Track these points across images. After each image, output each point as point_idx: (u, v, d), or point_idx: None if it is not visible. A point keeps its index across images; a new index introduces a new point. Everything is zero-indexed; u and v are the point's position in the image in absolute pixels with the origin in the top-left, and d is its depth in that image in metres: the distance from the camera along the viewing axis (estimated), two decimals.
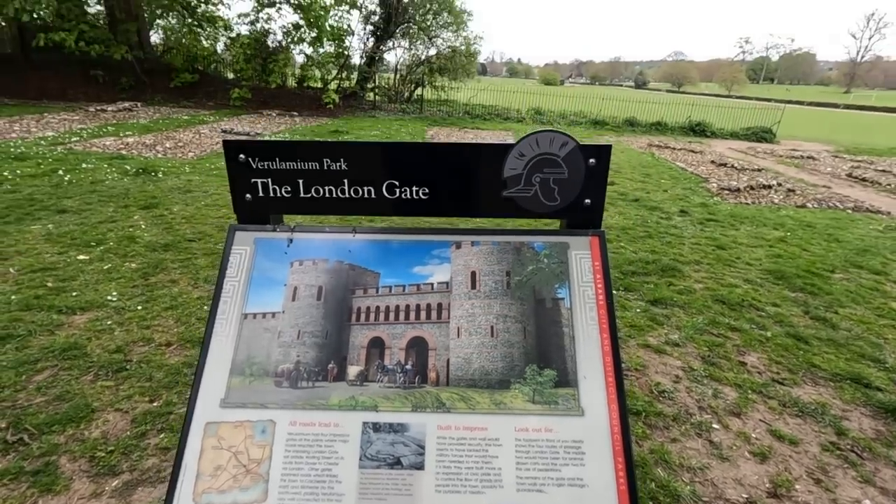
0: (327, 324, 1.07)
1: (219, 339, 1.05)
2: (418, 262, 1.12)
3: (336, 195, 1.16)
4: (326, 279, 1.11)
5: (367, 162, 1.14)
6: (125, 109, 12.63)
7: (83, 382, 2.46)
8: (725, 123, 16.85)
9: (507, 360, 1.02)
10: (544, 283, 1.09)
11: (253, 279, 1.11)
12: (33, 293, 3.24)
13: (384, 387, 1.01)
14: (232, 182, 1.16)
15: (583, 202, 1.15)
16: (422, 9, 15.99)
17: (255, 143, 1.13)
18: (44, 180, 5.77)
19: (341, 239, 1.15)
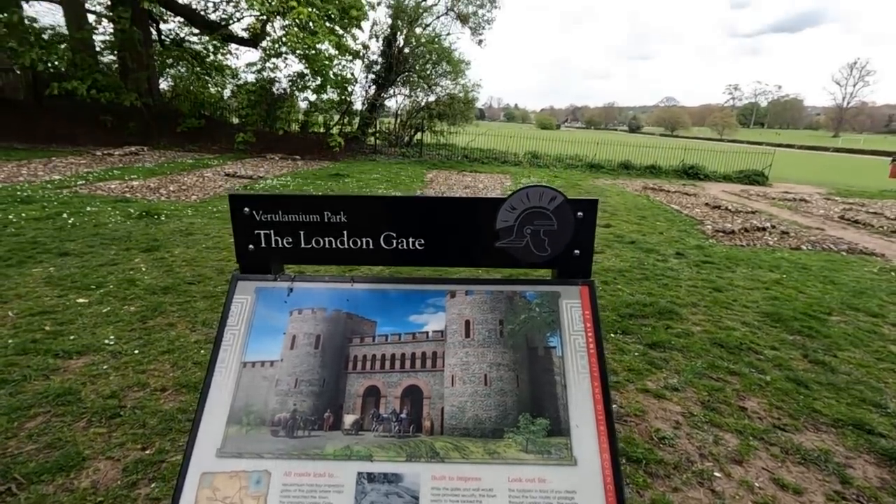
0: (324, 372, 1.09)
1: (217, 387, 1.07)
2: (414, 311, 1.15)
3: (336, 246, 1.21)
4: (324, 328, 1.14)
5: (366, 214, 1.19)
6: (131, 153, 12.94)
7: (76, 429, 2.43)
8: (718, 166, 17.25)
9: (500, 408, 1.04)
10: (536, 332, 1.13)
11: (253, 328, 1.14)
12: (31, 337, 3.24)
13: (379, 436, 1.02)
14: (236, 233, 1.21)
15: (572, 252, 1.20)
16: (421, 59, 16.68)
17: (259, 197, 1.19)
18: (48, 223, 5.86)
19: (340, 288, 1.19)
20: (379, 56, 16.78)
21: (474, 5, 16.61)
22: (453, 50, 16.83)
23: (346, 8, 13.87)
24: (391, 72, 16.68)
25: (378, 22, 16.66)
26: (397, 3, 16.00)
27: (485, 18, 16.89)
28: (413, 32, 16.14)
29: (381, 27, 16.60)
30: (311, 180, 10.85)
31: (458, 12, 16.59)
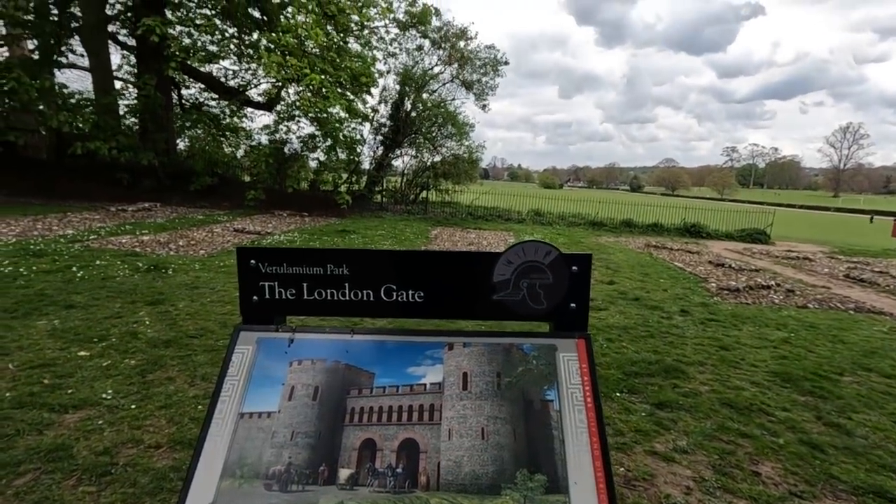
0: (321, 424, 1.09)
1: (213, 439, 1.06)
2: (412, 363, 1.17)
3: (337, 298, 1.24)
4: (323, 379, 1.15)
5: (368, 267, 1.24)
6: (144, 209, 13.29)
7: (64, 488, 2.36)
8: (720, 225, 17.44)
9: (497, 463, 1.02)
10: (533, 385, 1.13)
11: (253, 378, 1.15)
12: (28, 390, 3.21)
13: (374, 491, 1.00)
14: (241, 284, 1.25)
15: (569, 306, 1.22)
16: (427, 122, 17.43)
17: (264, 250, 1.24)
18: (57, 276, 5.95)
19: (340, 339, 1.21)
20: (387, 119, 17.56)
21: (478, 73, 17.59)
22: (458, 113, 17.63)
23: (356, 75, 14.69)
24: (398, 133, 17.39)
25: (387, 87, 17.59)
26: (405, 71, 16.96)
27: (488, 85, 17.83)
28: (420, 98, 16.98)
29: (390, 92, 17.50)
30: (317, 236, 11.03)
31: (462, 79, 17.53)
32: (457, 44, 17.05)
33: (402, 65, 17.28)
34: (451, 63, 17.19)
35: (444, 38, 17.05)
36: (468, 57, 17.26)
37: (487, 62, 17.53)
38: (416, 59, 17.39)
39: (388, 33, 17.13)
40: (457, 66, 17.23)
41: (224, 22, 15.80)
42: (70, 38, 16.02)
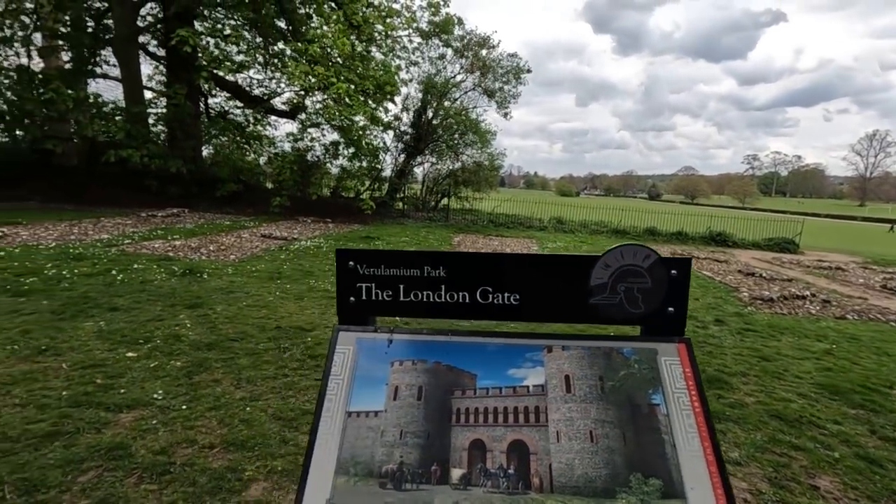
0: (428, 424, 1.10)
1: (324, 437, 1.08)
2: (513, 365, 1.17)
3: (433, 299, 1.25)
4: (425, 380, 1.16)
5: (464, 269, 1.25)
6: (173, 215, 13.58)
7: (127, 485, 2.41)
8: (745, 234, 17.13)
9: (609, 466, 1.02)
10: (637, 389, 1.12)
11: (356, 378, 1.16)
12: (83, 389, 3.30)
13: (488, 492, 1.01)
14: (339, 285, 1.27)
15: (666, 310, 1.22)
16: (449, 130, 17.52)
17: (363, 252, 1.26)
18: (98, 279, 6.10)
19: (438, 341, 1.22)
20: (409, 127, 17.70)
21: (500, 82, 17.66)
22: (481, 121, 17.70)
23: (380, 84, 14.86)
24: (420, 141, 17.51)
25: (409, 96, 17.75)
26: (428, 80, 17.11)
27: (510, 94, 17.88)
28: (442, 105, 17.09)
29: (412, 100, 17.66)
30: (343, 242, 11.14)
31: (484, 87, 17.61)
32: (479, 52, 17.16)
33: (424, 73, 17.45)
34: (472, 71, 17.29)
35: (466, 46, 17.18)
36: (490, 65, 17.34)
37: (510, 70, 17.59)
38: (438, 67, 17.55)
39: (412, 42, 17.34)
40: (479, 74, 17.32)
41: (251, 32, 16.15)
42: (102, 49, 16.56)
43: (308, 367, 3.98)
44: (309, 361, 4.07)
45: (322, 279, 7.17)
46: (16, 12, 13.04)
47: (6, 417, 2.88)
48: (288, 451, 2.77)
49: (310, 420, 3.12)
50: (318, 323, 5.09)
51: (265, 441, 2.85)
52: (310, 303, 5.88)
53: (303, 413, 3.20)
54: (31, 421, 2.88)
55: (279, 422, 3.09)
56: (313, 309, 5.63)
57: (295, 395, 3.48)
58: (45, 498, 2.27)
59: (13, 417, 2.89)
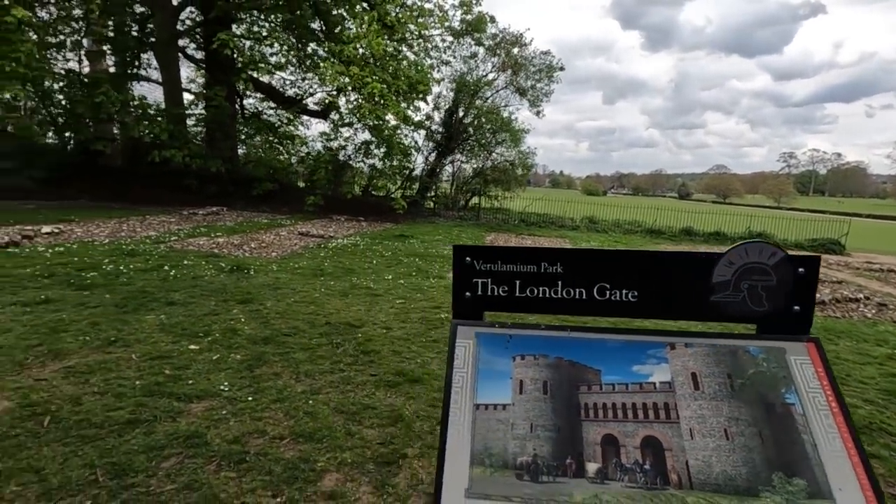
0: (557, 418, 1.11)
1: (454, 428, 1.11)
2: (636, 362, 1.17)
3: (549, 295, 1.26)
4: (549, 374, 1.17)
5: (582, 266, 1.25)
6: (213, 213, 13.97)
7: (208, 472, 2.50)
8: (786, 234, 16.58)
9: (748, 465, 1.01)
10: (768, 388, 1.11)
11: (479, 371, 1.18)
12: (154, 380, 3.44)
13: (626, 486, 1.01)
14: (455, 280, 1.29)
15: (791, 308, 1.20)
16: (481, 129, 17.49)
17: (480, 248, 1.28)
18: (152, 275, 6.34)
19: (558, 336, 1.23)
20: (440, 126, 17.75)
21: (532, 80, 17.54)
22: (513, 120, 17.61)
23: (413, 83, 14.95)
24: (451, 140, 17.54)
25: (441, 95, 17.80)
26: (460, 78, 17.12)
27: (543, 91, 17.74)
28: (474, 104, 17.07)
29: (444, 100, 17.70)
30: (378, 240, 11.26)
31: (516, 86, 17.52)
32: (511, 50, 17.07)
33: (456, 72, 17.46)
34: (504, 69, 17.22)
35: (498, 44, 17.12)
36: (522, 63, 17.24)
37: (542, 68, 17.45)
38: (470, 66, 17.54)
39: (444, 41, 17.38)
40: (510, 72, 17.24)
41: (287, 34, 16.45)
42: (144, 53, 17.16)
43: (362, 362, 4.04)
44: (362, 357, 4.14)
45: (363, 277, 7.27)
46: (67, 19, 13.62)
47: (88, 405, 3.03)
48: (355, 444, 2.83)
49: (372, 415, 3.18)
50: (366, 320, 5.17)
51: (332, 434, 2.91)
52: (354, 300, 5.97)
53: (364, 408, 3.26)
54: (111, 408, 3.01)
55: (342, 415, 3.16)
56: (359, 306, 5.71)
57: (353, 389, 3.55)
58: (134, 481, 2.38)
59: (95, 405, 3.03)
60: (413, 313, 5.55)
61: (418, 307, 5.82)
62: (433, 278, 7.57)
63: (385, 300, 6.05)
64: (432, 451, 2.82)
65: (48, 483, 2.30)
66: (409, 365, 4.03)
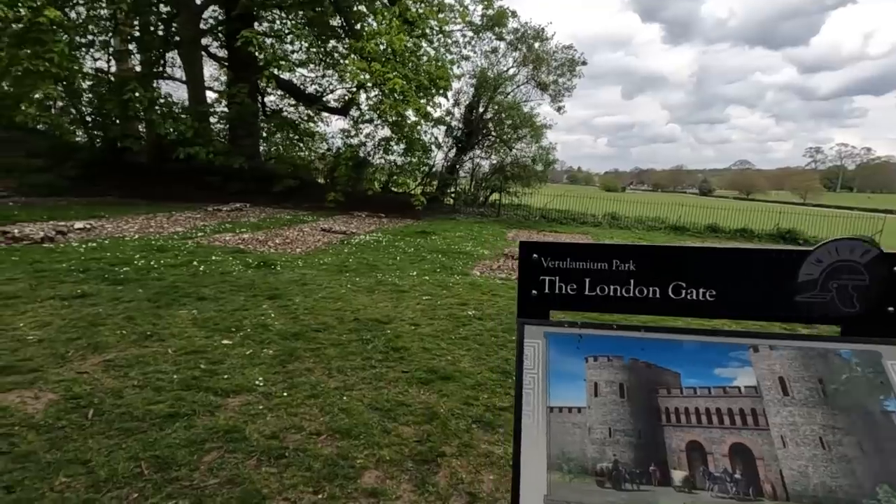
0: (637, 422, 1.06)
1: (528, 432, 1.06)
2: (717, 364, 1.12)
3: (621, 294, 1.21)
4: (625, 376, 1.13)
5: (657, 263, 1.20)
6: (236, 209, 14.15)
7: (248, 467, 2.51)
8: (817, 231, 16.12)
9: (849, 476, 0.95)
10: (866, 394, 1.04)
11: (550, 372, 1.14)
12: (190, 374, 3.47)
13: (716, 496, 0.96)
14: (521, 278, 1.25)
15: (885, 309, 1.13)
16: (501, 124, 17.35)
17: (548, 244, 1.24)
18: (182, 270, 6.43)
19: (630, 337, 1.18)
20: (460, 121, 17.67)
21: (555, 74, 17.32)
22: (535, 115, 17.43)
23: (434, 79, 14.90)
24: (471, 136, 17.45)
25: (461, 90, 17.71)
26: (481, 73, 17.00)
27: (565, 86, 17.52)
28: (494, 100, 16.94)
29: (464, 95, 17.61)
30: (399, 237, 11.26)
31: (538, 81, 17.33)
32: (532, 45, 16.88)
33: (476, 67, 17.35)
34: (526, 64, 17.04)
35: (519, 39, 16.95)
36: (543, 58, 17.03)
37: (564, 63, 17.23)
38: (491, 61, 17.40)
39: (464, 37, 17.28)
40: (532, 67, 17.05)
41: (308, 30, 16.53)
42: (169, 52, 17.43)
43: (392, 359, 4.03)
44: (392, 354, 4.13)
45: (387, 273, 7.27)
46: (96, 19, 13.90)
47: (129, 398, 3.07)
48: (392, 441, 2.81)
49: (406, 412, 3.16)
50: (394, 316, 5.16)
51: (368, 430, 2.90)
52: (381, 296, 5.97)
53: (398, 405, 3.25)
54: (152, 402, 3.05)
55: (377, 412, 3.14)
56: (385, 302, 5.71)
57: (386, 386, 3.54)
58: (177, 475, 2.40)
59: (135, 398, 3.08)
60: (440, 310, 5.53)
61: (445, 304, 5.79)
62: (457, 275, 7.53)
63: (411, 297, 6.04)
64: (470, 449, 2.79)
65: (96, 475, 2.33)
66: (439, 362, 4.01)
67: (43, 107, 14.55)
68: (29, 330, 4.04)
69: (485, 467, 2.64)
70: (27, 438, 2.58)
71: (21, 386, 3.12)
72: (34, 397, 3.01)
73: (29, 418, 2.77)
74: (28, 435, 2.61)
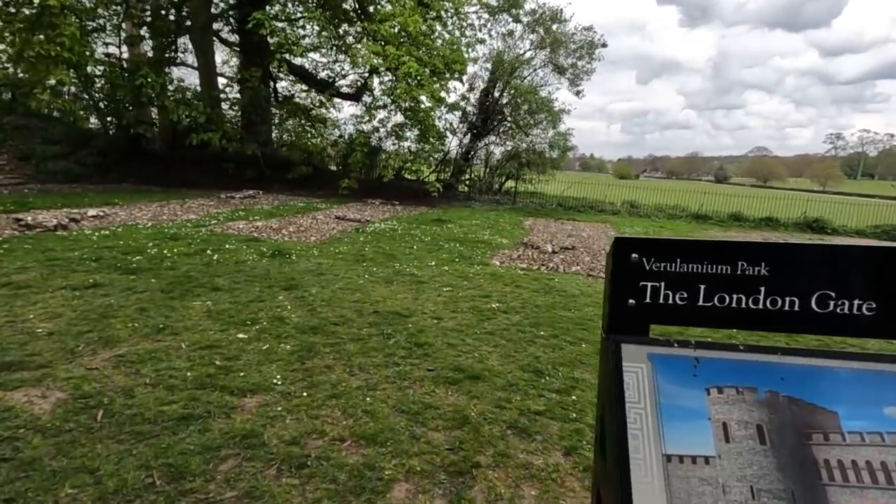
0: (787, 480, 0.80)
1: (642, 488, 0.81)
2: (888, 402, 0.85)
3: (747, 305, 0.95)
4: (764, 415, 0.87)
5: (797, 266, 0.93)
6: (249, 197, 13.99)
7: (268, 477, 2.31)
8: (844, 220, 15.53)
9: None
10: None
11: (662, 407, 0.88)
12: (205, 371, 3.28)
13: None
14: (613, 284, 0.99)
15: None
16: (518, 109, 16.89)
17: (651, 241, 0.97)
18: (195, 259, 6.26)
19: (765, 362, 0.92)
20: (475, 107, 17.25)
21: (573, 57, 16.77)
22: (553, 100, 16.93)
23: (449, 62, 14.49)
24: (487, 121, 17.03)
25: (476, 74, 17.25)
26: (496, 57, 16.53)
27: (584, 70, 16.95)
28: (510, 84, 16.47)
29: (479, 79, 17.16)
30: (415, 225, 11.02)
31: (555, 64, 16.80)
32: (550, 27, 16.33)
33: (492, 50, 16.86)
34: (543, 47, 16.51)
35: (536, 21, 16.41)
36: (561, 40, 16.48)
37: (583, 45, 16.65)
38: (507, 44, 16.90)
39: (479, 18, 16.78)
40: (549, 50, 16.52)
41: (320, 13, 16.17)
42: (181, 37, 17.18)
43: (416, 356, 3.81)
44: (416, 350, 3.90)
45: (405, 263, 7.04)
46: (108, 3, 13.69)
47: (141, 398, 2.89)
48: (422, 450, 2.59)
49: (434, 415, 2.94)
50: (414, 309, 4.93)
51: (395, 437, 2.69)
52: (400, 287, 5.74)
53: (425, 407, 3.02)
54: (164, 402, 2.86)
55: (404, 415, 2.93)
56: (405, 294, 5.48)
57: (411, 386, 3.31)
58: (192, 486, 2.20)
59: (147, 398, 2.89)
60: (462, 302, 5.29)
61: (466, 296, 5.55)
62: (477, 265, 7.27)
63: (431, 288, 5.81)
64: (506, 459, 2.56)
65: (104, 486, 2.14)
66: (466, 360, 3.77)
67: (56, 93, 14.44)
68: (39, 322, 3.88)
69: (524, 480, 2.41)
70: (32, 443, 2.40)
71: (28, 383, 2.95)
72: (41, 396, 2.84)
73: (35, 420, 2.60)
74: (34, 439, 2.43)
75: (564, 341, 4.28)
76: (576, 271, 7.39)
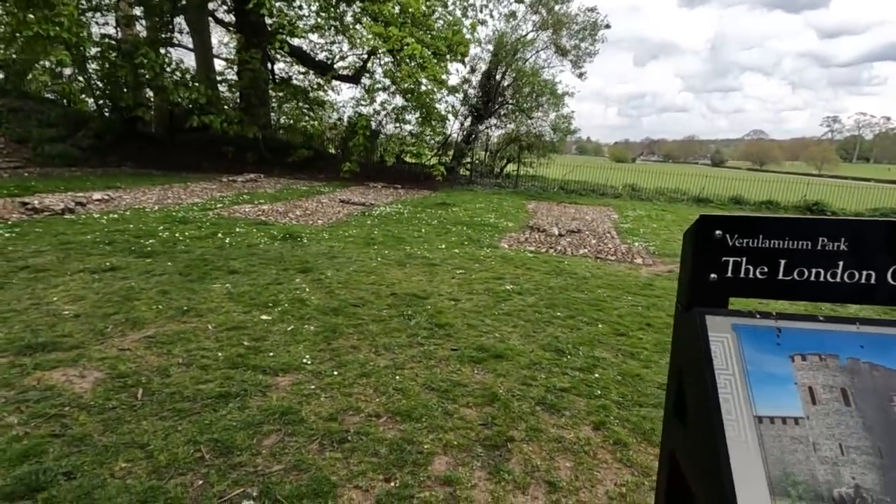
0: (874, 438, 0.87)
1: (737, 446, 0.88)
2: None
3: (825, 279, 1.00)
4: (846, 381, 0.93)
5: (876, 242, 0.98)
6: (251, 180, 13.93)
7: (311, 451, 2.38)
8: (843, 203, 15.66)
9: None
10: None
11: (749, 374, 0.94)
12: (235, 351, 3.34)
13: None
14: (696, 259, 1.04)
15: None
16: (520, 91, 16.78)
17: (736, 219, 1.02)
18: (208, 242, 6.28)
19: (843, 331, 0.98)
20: (477, 89, 17.12)
21: (576, 38, 16.61)
22: (556, 83, 16.82)
23: (451, 44, 14.34)
24: (488, 104, 16.93)
25: (479, 56, 17.08)
26: (498, 39, 16.36)
27: (586, 51, 16.82)
28: (513, 66, 16.34)
29: (482, 61, 17.00)
30: (420, 208, 11.03)
31: (557, 45, 16.65)
32: (553, 7, 16.14)
33: (494, 32, 16.67)
34: (545, 28, 16.33)
35: (539, 1, 16.19)
36: (564, 21, 16.31)
37: (586, 26, 16.49)
38: (509, 25, 16.70)
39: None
40: (552, 31, 16.35)
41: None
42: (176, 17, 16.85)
43: (438, 336, 3.88)
44: (437, 331, 3.97)
45: (416, 246, 7.08)
46: None
47: (177, 377, 2.95)
48: (456, 425, 2.67)
49: (464, 392, 3.02)
50: (431, 291, 4.99)
51: (429, 413, 2.77)
52: (413, 270, 5.80)
53: (454, 385, 3.10)
54: (200, 381, 2.93)
55: (434, 392, 3.00)
56: (419, 276, 5.54)
57: (437, 365, 3.39)
58: (240, 460, 2.28)
59: (183, 377, 2.95)
60: (476, 284, 5.35)
61: (480, 278, 5.62)
62: (486, 248, 7.33)
63: (444, 270, 5.87)
64: (539, 433, 2.65)
65: (156, 460, 2.21)
66: (488, 339, 3.85)
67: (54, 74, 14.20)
68: (63, 304, 3.92)
69: (558, 453, 2.50)
70: (79, 420, 2.46)
71: (65, 364, 3.00)
72: (80, 376, 2.90)
73: (78, 398, 2.66)
74: (80, 416, 2.50)
75: (581, 322, 4.37)
76: (584, 254, 7.46)
